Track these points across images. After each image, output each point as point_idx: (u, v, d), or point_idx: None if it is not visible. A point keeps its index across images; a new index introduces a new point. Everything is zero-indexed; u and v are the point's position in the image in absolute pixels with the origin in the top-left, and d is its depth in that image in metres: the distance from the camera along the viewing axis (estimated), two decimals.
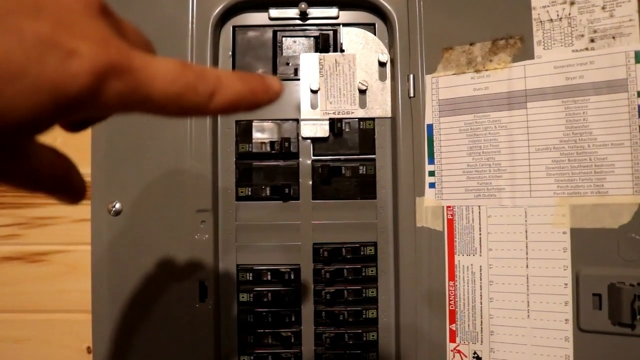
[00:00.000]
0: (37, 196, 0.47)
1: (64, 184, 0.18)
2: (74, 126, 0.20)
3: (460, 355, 0.41)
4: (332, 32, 0.44)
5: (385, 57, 0.43)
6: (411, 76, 0.42)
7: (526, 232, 0.39)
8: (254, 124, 0.43)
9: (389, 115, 0.43)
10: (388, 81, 0.43)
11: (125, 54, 0.15)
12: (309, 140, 0.44)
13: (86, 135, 0.42)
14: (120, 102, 0.15)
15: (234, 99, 0.18)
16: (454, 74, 0.41)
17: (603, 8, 0.37)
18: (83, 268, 0.43)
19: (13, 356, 0.47)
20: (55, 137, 0.37)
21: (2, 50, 0.13)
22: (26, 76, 0.13)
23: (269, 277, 0.43)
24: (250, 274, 0.43)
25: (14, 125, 0.13)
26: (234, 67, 0.44)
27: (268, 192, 0.43)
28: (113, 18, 0.17)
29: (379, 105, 0.43)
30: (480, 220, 0.40)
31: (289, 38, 0.44)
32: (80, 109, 0.14)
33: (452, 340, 0.41)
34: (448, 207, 0.41)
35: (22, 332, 0.47)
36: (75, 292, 0.46)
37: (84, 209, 0.43)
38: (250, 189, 0.43)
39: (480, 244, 0.40)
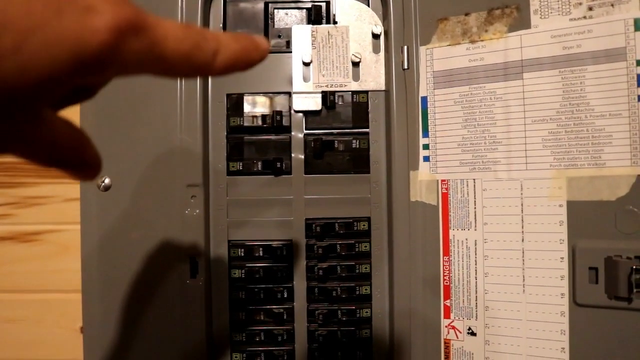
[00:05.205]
0: (29, 175, 0.46)
1: (79, 157, 0.18)
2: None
3: (455, 331, 0.40)
4: (324, 3, 0.43)
5: (378, 29, 0.42)
6: (405, 48, 0.41)
7: (522, 205, 0.38)
8: (245, 97, 0.43)
9: (383, 88, 0.43)
10: (382, 53, 0.43)
11: (140, 13, 0.15)
12: (301, 114, 0.43)
13: (74, 109, 0.41)
14: (137, 61, 0.15)
15: (233, 58, 0.18)
16: (449, 45, 0.40)
17: None
18: (75, 248, 0.43)
19: (6, 336, 0.47)
20: None
21: (21, 2, 0.12)
22: (45, 30, 0.13)
23: (261, 253, 0.42)
24: (242, 250, 0.42)
25: (33, 81, 0.13)
26: None
27: (260, 167, 0.42)
28: None
29: (373, 77, 0.43)
30: (475, 193, 0.39)
31: (280, 10, 0.43)
32: (99, 68, 0.14)
33: (447, 316, 0.40)
34: (442, 180, 0.40)
35: (15, 312, 0.47)
36: (67, 272, 0.46)
37: (75, 188, 0.43)
38: (241, 164, 0.42)
39: (475, 218, 0.39)
